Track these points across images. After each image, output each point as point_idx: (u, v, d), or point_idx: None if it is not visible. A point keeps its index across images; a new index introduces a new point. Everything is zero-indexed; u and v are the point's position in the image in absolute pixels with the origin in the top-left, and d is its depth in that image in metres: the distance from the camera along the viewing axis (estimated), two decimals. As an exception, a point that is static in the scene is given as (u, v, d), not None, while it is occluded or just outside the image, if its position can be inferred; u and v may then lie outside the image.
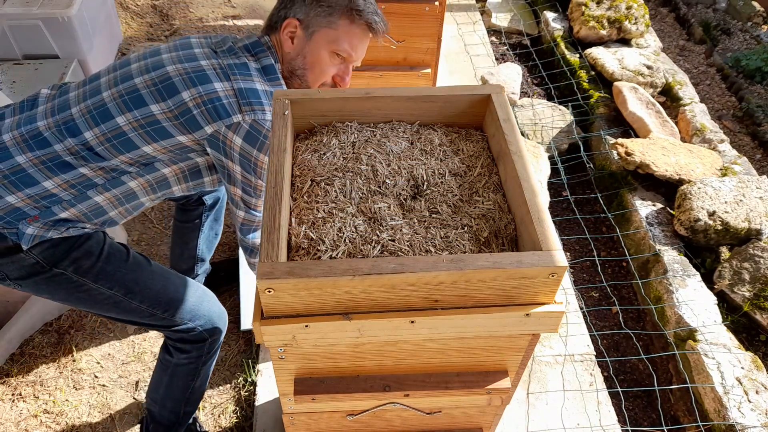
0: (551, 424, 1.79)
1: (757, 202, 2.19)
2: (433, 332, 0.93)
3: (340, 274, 0.83)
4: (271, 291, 0.84)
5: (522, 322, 0.93)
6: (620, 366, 2.03)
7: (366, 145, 1.11)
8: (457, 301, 0.90)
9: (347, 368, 1.07)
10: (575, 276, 2.31)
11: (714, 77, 3.40)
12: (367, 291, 0.86)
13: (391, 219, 0.98)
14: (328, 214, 0.98)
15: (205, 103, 1.20)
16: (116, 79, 1.26)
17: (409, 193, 1.04)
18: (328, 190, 1.03)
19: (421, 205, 1.02)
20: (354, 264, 0.84)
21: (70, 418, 1.79)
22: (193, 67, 1.24)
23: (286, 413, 1.19)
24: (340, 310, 0.90)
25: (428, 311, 0.91)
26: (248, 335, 1.99)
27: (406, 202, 1.03)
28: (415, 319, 0.90)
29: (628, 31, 3.15)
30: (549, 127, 2.80)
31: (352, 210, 0.99)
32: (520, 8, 3.63)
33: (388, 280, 0.84)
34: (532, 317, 0.92)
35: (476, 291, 0.88)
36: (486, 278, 0.86)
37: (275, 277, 0.82)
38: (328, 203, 1.00)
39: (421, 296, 0.88)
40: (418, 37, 1.97)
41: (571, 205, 2.52)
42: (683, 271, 2.10)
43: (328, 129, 1.15)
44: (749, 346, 1.98)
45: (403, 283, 0.85)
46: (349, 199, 1.01)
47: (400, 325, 0.91)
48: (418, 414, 1.18)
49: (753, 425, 1.68)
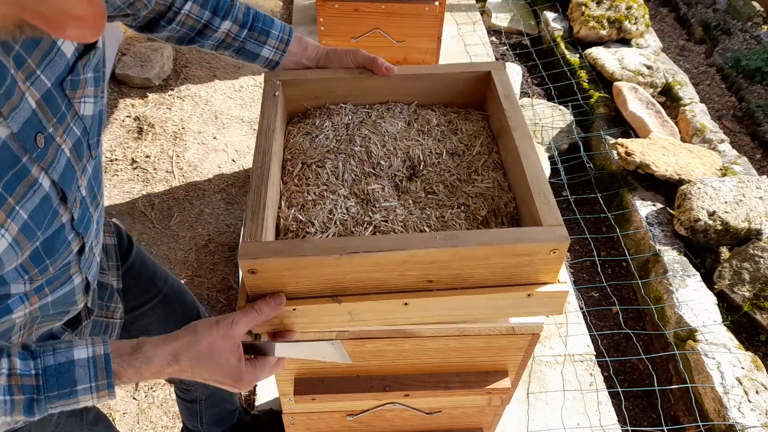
0: (551, 424, 1.79)
1: (757, 202, 2.19)
2: (427, 314, 0.88)
3: (327, 252, 0.78)
4: (255, 272, 0.79)
5: (523, 304, 0.88)
6: (620, 366, 2.03)
7: (360, 127, 1.07)
8: (452, 281, 0.85)
9: (347, 368, 1.07)
10: (575, 276, 2.31)
11: (714, 77, 3.40)
12: (357, 271, 0.81)
13: (384, 200, 0.94)
14: (319, 196, 0.95)
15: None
16: None
17: (404, 174, 1.00)
18: (319, 173, 0.99)
19: (416, 186, 0.98)
20: (342, 242, 0.80)
21: (70, 418, 1.78)
22: None
23: (286, 413, 1.19)
24: (329, 293, 0.85)
25: (422, 293, 0.85)
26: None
27: (402, 184, 0.99)
28: (409, 301, 0.85)
29: (628, 31, 3.15)
30: (549, 127, 2.80)
31: (345, 192, 0.96)
32: (520, 8, 3.63)
33: (378, 258, 0.79)
34: (534, 297, 0.87)
35: (472, 270, 0.83)
36: (481, 256, 0.80)
37: (258, 257, 0.77)
38: (319, 186, 0.96)
39: (413, 277, 0.83)
40: (418, 37, 1.97)
41: (571, 205, 2.52)
42: (683, 271, 2.10)
43: (321, 111, 1.11)
44: (749, 346, 1.98)
45: (393, 262, 0.80)
46: (342, 181, 0.98)
47: (393, 308, 0.86)
48: (418, 414, 1.18)
49: (753, 425, 1.68)
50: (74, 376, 0.70)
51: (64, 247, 0.76)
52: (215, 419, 1.50)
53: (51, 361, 0.70)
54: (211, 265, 2.21)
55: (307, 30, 3.34)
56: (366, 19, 1.90)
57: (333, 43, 1.97)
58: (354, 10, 1.87)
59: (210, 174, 2.56)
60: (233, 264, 2.20)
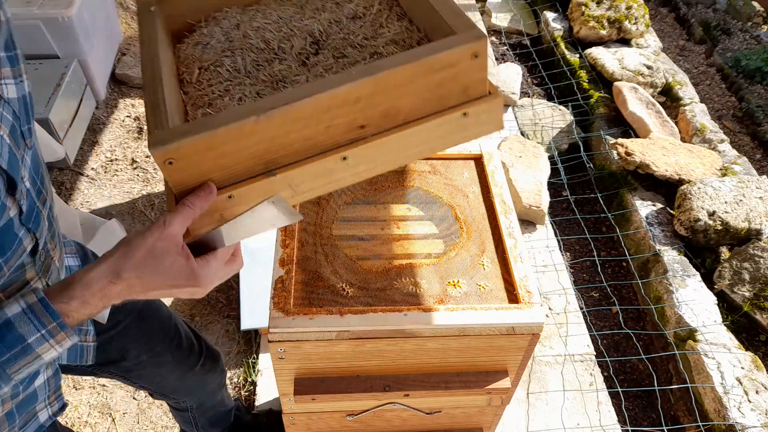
0: (551, 424, 1.79)
1: (757, 202, 2.19)
2: (371, 165, 0.82)
3: (242, 117, 0.70)
4: (173, 162, 0.71)
5: (462, 126, 0.82)
6: (620, 366, 2.03)
7: (251, 22, 1.02)
8: (384, 122, 0.79)
9: (347, 368, 1.07)
10: (575, 276, 2.31)
11: (714, 77, 3.40)
12: (281, 134, 0.74)
13: (295, 76, 0.89)
14: (224, 92, 0.89)
15: None
16: None
17: (309, 51, 0.96)
18: (219, 71, 0.93)
19: (324, 56, 0.93)
20: (255, 104, 0.72)
21: (70, 419, 1.78)
22: None
23: (286, 413, 1.19)
24: (262, 169, 0.77)
25: (357, 142, 0.79)
26: (248, 335, 1.99)
27: (309, 59, 0.94)
28: (346, 154, 0.78)
29: (628, 31, 3.15)
30: (549, 127, 2.80)
31: (250, 81, 0.90)
32: (520, 8, 3.63)
33: (299, 111, 0.72)
34: (470, 117, 0.81)
35: (399, 101, 0.77)
36: (404, 80, 0.75)
37: (170, 142, 0.68)
38: (223, 82, 0.91)
39: (343, 126, 0.77)
40: (418, 36, 1.97)
41: (571, 205, 2.52)
42: (683, 271, 2.10)
43: (207, 22, 1.04)
44: (749, 346, 1.98)
45: (317, 111, 0.73)
46: (245, 73, 0.92)
47: (333, 167, 0.79)
48: (418, 414, 1.17)
49: (753, 425, 1.68)
50: (18, 332, 0.66)
51: (16, 244, 0.74)
52: (211, 422, 1.50)
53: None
54: (211, 265, 2.21)
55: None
56: (366, 19, 1.90)
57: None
58: (354, 9, 1.87)
59: (210, 174, 2.55)
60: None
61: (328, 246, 1.12)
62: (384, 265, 1.09)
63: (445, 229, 1.16)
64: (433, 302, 1.03)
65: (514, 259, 1.09)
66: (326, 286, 1.05)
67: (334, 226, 1.16)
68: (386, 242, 1.13)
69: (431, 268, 1.09)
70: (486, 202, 1.22)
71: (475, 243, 1.14)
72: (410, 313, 1.00)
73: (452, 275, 1.08)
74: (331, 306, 1.01)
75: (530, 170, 2.45)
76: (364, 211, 1.19)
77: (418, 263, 1.10)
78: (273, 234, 1.11)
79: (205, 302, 2.09)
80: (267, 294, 1.61)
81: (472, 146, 1.32)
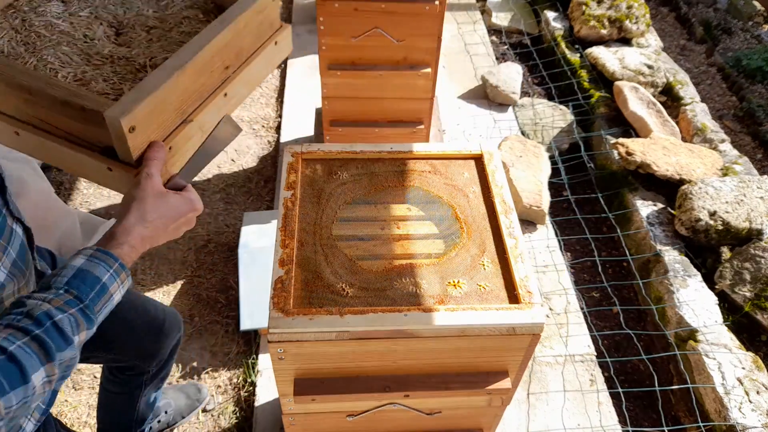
0: (552, 425, 1.78)
1: (758, 201, 2.19)
2: (238, 98, 1.00)
3: (171, 73, 0.85)
4: (134, 128, 0.81)
5: (275, 53, 1.05)
6: (621, 366, 2.03)
7: (32, 24, 1.02)
8: (237, 60, 0.97)
9: (347, 369, 1.07)
10: (576, 276, 2.30)
11: (715, 77, 3.39)
12: (190, 83, 0.90)
13: (127, 47, 0.99)
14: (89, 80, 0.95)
15: None
16: None
17: (112, 33, 1.03)
18: (36, 66, 0.94)
19: (136, 32, 1.03)
20: (171, 63, 0.86)
21: (69, 419, 1.78)
22: None
23: (285, 414, 1.19)
24: (181, 119, 0.91)
25: (227, 80, 0.98)
26: (248, 336, 1.99)
27: (118, 39, 1.02)
28: (226, 91, 0.96)
29: (628, 31, 3.15)
30: (549, 126, 2.79)
31: (79, 60, 0.96)
32: (521, 7, 3.63)
33: (198, 62, 0.89)
34: (279, 44, 1.02)
35: (243, 41, 0.98)
36: (245, 23, 0.96)
37: (131, 110, 0.79)
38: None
39: (218, 69, 0.95)
40: (418, 36, 1.96)
41: (572, 204, 2.51)
42: (684, 271, 2.10)
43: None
44: (750, 346, 1.98)
45: (208, 59, 0.92)
46: (70, 59, 0.97)
47: (220, 104, 0.95)
48: (419, 415, 1.17)
49: (754, 426, 1.68)
50: (94, 273, 0.75)
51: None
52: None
53: (67, 276, 0.74)
54: (211, 265, 2.21)
55: (308, 29, 3.33)
56: (366, 18, 1.89)
57: (333, 42, 1.96)
58: (354, 9, 1.86)
59: (209, 174, 2.55)
60: (233, 264, 2.20)
61: (327, 246, 1.11)
62: (384, 266, 1.09)
63: (445, 229, 1.16)
64: (434, 302, 1.03)
65: (514, 259, 1.09)
66: (326, 287, 1.05)
67: (333, 226, 1.15)
68: (386, 242, 1.13)
69: (431, 268, 1.09)
70: (486, 201, 1.22)
71: (476, 243, 1.13)
72: (410, 314, 0.99)
73: (452, 275, 1.07)
74: (331, 306, 1.01)
75: (531, 170, 2.45)
76: (364, 211, 1.19)
77: (418, 263, 1.09)
78: (273, 234, 1.11)
79: (204, 303, 2.09)
80: (266, 294, 1.61)
81: (472, 146, 1.31)
